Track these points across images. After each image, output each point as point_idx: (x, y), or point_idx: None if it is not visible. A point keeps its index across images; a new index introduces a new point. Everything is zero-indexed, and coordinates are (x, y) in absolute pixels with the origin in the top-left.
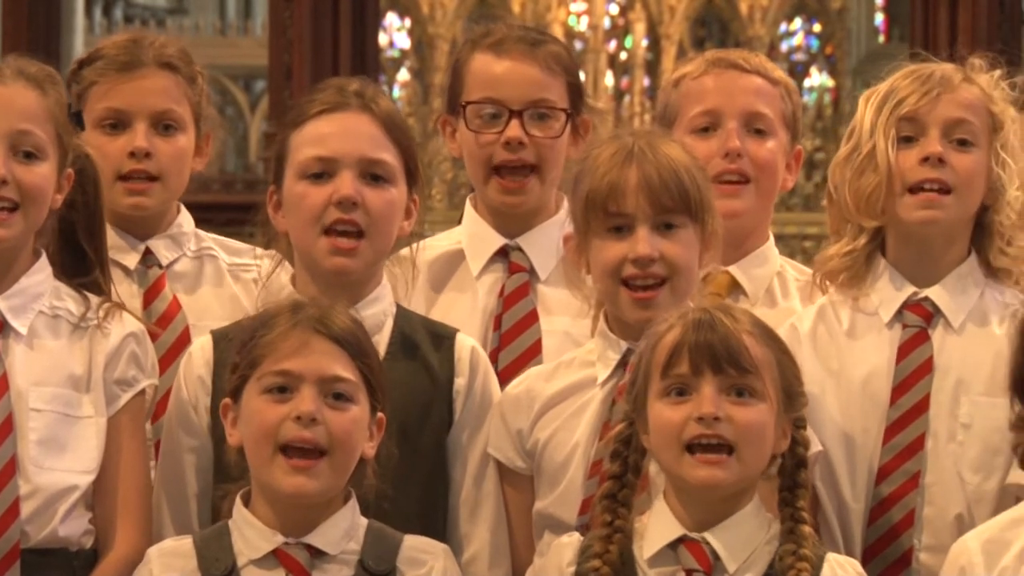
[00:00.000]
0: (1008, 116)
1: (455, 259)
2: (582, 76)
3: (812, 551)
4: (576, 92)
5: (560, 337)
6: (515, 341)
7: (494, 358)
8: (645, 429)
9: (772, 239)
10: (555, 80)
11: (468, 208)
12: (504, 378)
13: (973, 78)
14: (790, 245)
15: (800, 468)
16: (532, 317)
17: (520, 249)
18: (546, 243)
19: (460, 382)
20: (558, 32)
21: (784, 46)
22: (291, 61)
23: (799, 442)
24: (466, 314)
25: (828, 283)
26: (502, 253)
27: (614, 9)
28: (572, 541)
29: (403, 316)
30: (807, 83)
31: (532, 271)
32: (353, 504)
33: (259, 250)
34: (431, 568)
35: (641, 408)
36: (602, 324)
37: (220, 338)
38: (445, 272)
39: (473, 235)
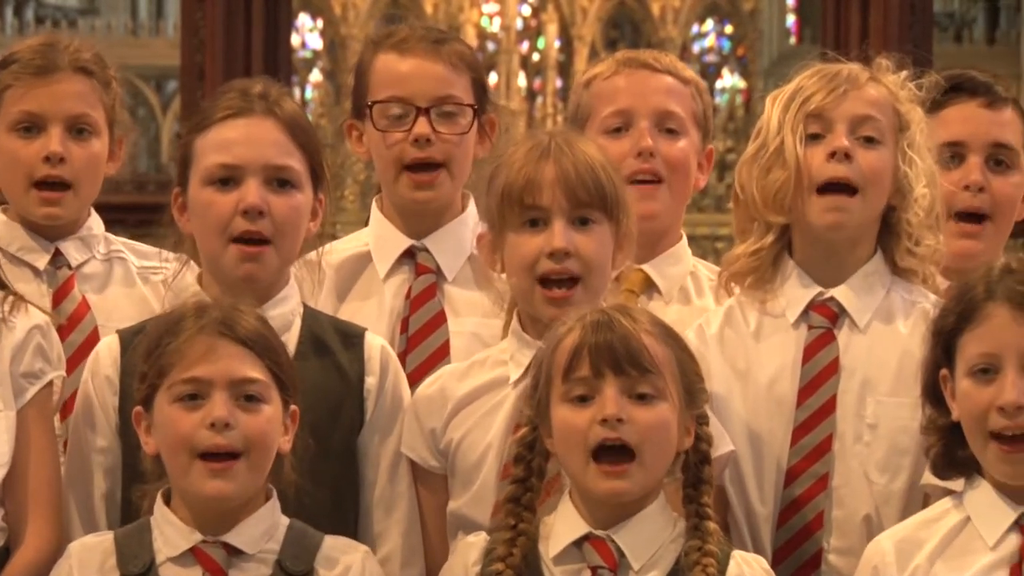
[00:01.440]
0: (915, 116)
1: (362, 261)
2: (489, 75)
3: (718, 547)
4: (481, 89)
5: (468, 338)
6: (423, 343)
7: (402, 360)
8: (549, 433)
9: (685, 238)
10: (460, 77)
11: (374, 210)
12: (413, 380)
13: (880, 77)
14: (702, 246)
15: (703, 464)
16: (440, 319)
17: (427, 250)
18: (453, 244)
19: (371, 381)
20: (470, 33)
21: (696, 47)
22: (203, 62)
23: (702, 438)
24: (373, 317)
25: (734, 285)
26: (409, 254)
27: (526, 10)
28: (478, 541)
29: (311, 316)
30: (719, 84)
31: (439, 272)
32: (274, 503)
33: (166, 252)
34: (348, 568)
35: (544, 412)
36: (515, 323)
37: (127, 337)
38: (352, 275)
39: (379, 237)
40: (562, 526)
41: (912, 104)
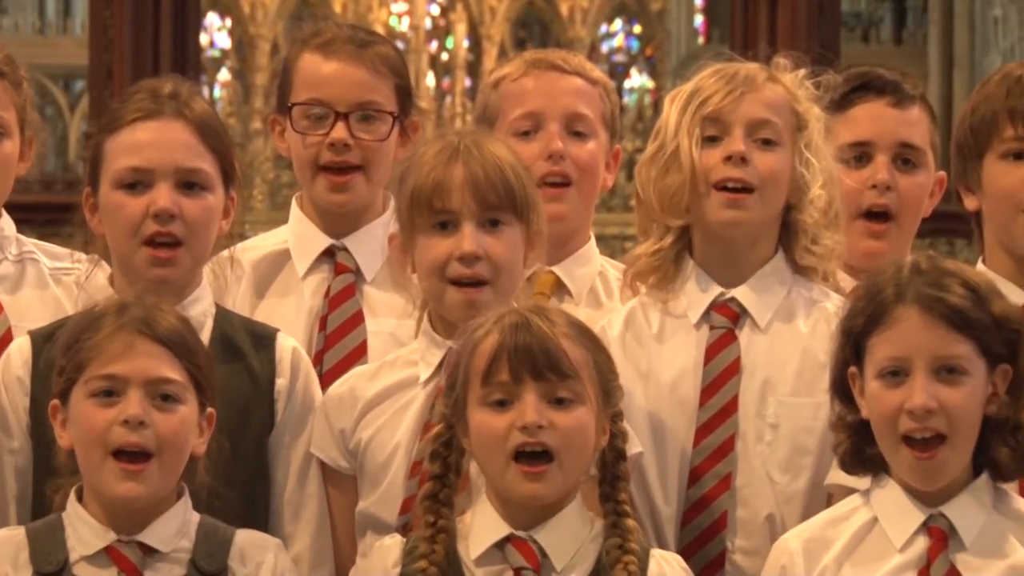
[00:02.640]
0: (813, 115)
1: (281, 259)
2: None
3: (638, 544)
4: (404, 94)
5: (386, 338)
6: (340, 342)
7: (319, 359)
8: (465, 432)
9: (593, 239)
10: (382, 82)
11: (294, 208)
12: (329, 379)
13: (777, 77)
14: (611, 246)
15: (620, 461)
16: (358, 318)
17: (346, 250)
18: (372, 244)
19: (281, 383)
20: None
21: (605, 47)
22: (111, 61)
23: (618, 435)
24: (291, 315)
25: (639, 283)
26: (328, 254)
27: (435, 10)
28: (395, 542)
29: (223, 317)
30: (627, 84)
31: (358, 272)
32: (186, 500)
33: (78, 254)
34: (262, 563)
35: (461, 412)
36: (425, 324)
37: (38, 339)
38: (271, 272)
39: (299, 235)
40: (481, 527)
41: (810, 103)
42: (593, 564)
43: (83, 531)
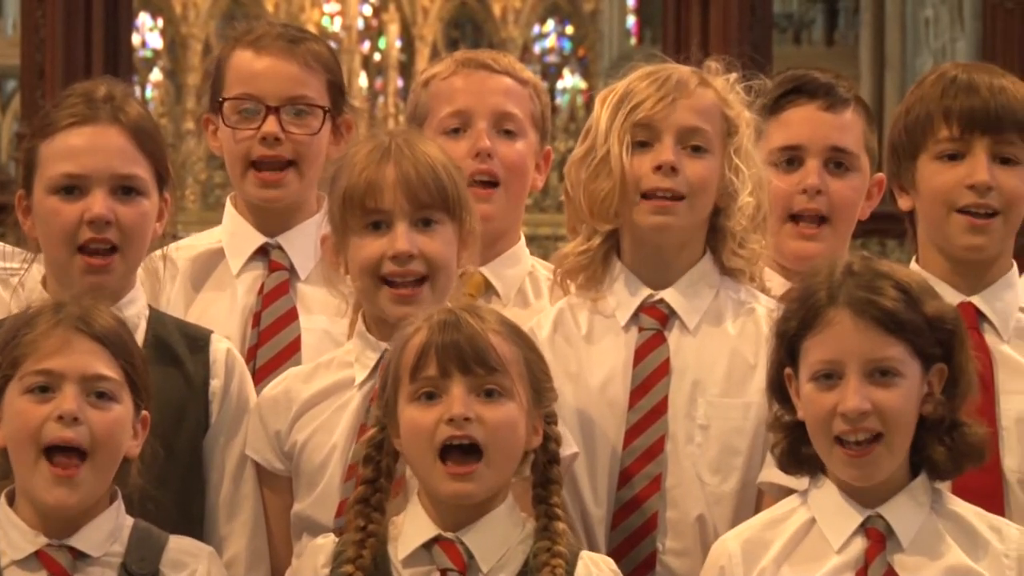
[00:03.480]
0: (743, 120)
1: (215, 257)
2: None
3: (567, 548)
4: (337, 90)
5: (319, 335)
6: (274, 338)
7: (252, 355)
8: (397, 433)
9: (523, 239)
10: (314, 77)
11: (228, 207)
12: (262, 375)
13: (709, 81)
14: (544, 246)
15: (553, 464)
16: (291, 315)
17: (280, 248)
18: (306, 242)
19: (216, 384)
20: None
21: (537, 48)
22: (43, 61)
23: (551, 437)
24: (225, 312)
25: (569, 282)
26: (262, 251)
27: (367, 10)
28: (327, 543)
29: (157, 318)
30: (560, 85)
31: (292, 269)
32: (118, 504)
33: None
34: (195, 571)
35: (392, 412)
36: (360, 325)
37: None
38: (205, 270)
39: (233, 233)
40: (411, 528)
41: (741, 108)
42: (520, 566)
43: (13, 535)
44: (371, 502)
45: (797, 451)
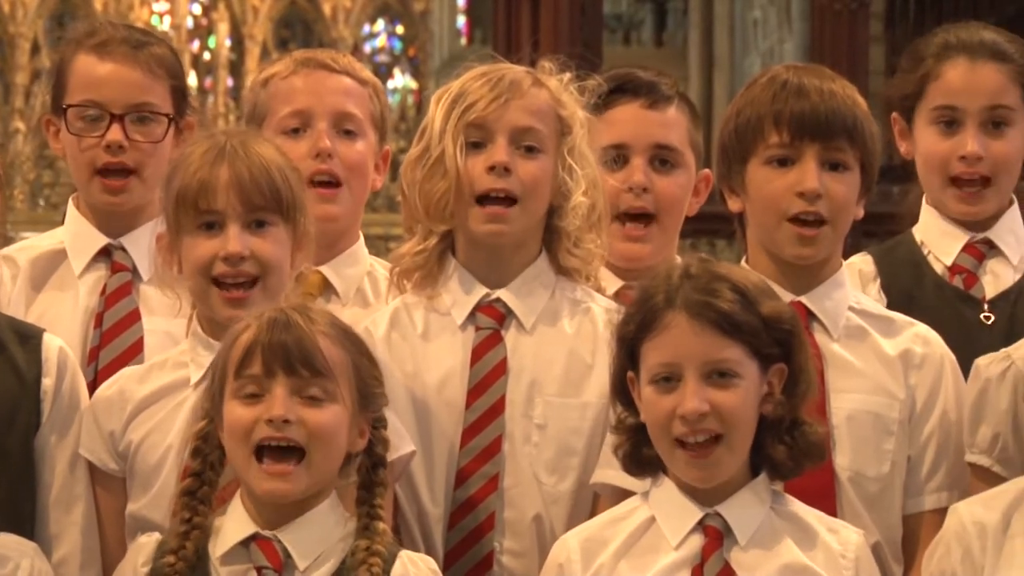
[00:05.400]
0: (577, 120)
1: (57, 258)
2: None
3: (385, 547)
4: (180, 94)
5: (161, 336)
6: (116, 340)
7: (94, 356)
8: (222, 427)
9: (362, 239)
10: (158, 83)
11: (71, 207)
12: (104, 376)
13: (543, 81)
14: (376, 246)
15: (378, 468)
16: (134, 316)
17: (123, 249)
18: (149, 243)
19: (47, 382)
20: None
21: (368, 47)
22: None
23: (377, 442)
24: (67, 312)
25: (405, 281)
26: (105, 253)
27: (197, 9)
28: (149, 541)
29: None
30: (391, 84)
31: (135, 271)
32: None
33: None
34: (18, 567)
35: (218, 407)
36: (195, 325)
37: None
38: (46, 271)
39: (75, 234)
40: (231, 525)
41: (575, 107)
42: (338, 564)
43: None
44: (197, 494)
45: (639, 453)
